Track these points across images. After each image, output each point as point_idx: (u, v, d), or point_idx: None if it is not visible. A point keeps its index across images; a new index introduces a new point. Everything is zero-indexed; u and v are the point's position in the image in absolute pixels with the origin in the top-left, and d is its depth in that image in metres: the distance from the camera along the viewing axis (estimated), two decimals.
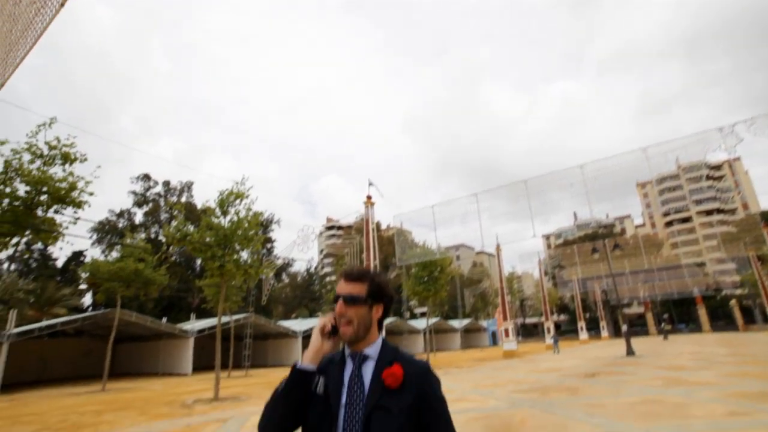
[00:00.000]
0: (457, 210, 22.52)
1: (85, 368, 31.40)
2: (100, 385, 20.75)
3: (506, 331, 32.19)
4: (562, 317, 71.61)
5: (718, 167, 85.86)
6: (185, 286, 47.15)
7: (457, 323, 54.68)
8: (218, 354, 14.97)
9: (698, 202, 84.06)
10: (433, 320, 45.16)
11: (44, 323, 26.84)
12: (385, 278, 1.60)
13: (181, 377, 26.45)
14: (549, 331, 39.10)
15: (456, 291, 60.74)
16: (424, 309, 51.48)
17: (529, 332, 73.02)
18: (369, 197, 21.48)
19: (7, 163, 10.40)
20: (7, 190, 10.44)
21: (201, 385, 19.98)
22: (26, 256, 50.12)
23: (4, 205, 10.47)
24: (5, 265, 47.76)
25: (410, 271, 28.06)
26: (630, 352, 23.19)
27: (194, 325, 31.95)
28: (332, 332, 1.54)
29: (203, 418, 10.70)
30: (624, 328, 25.13)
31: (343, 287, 1.55)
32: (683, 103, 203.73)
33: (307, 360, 1.49)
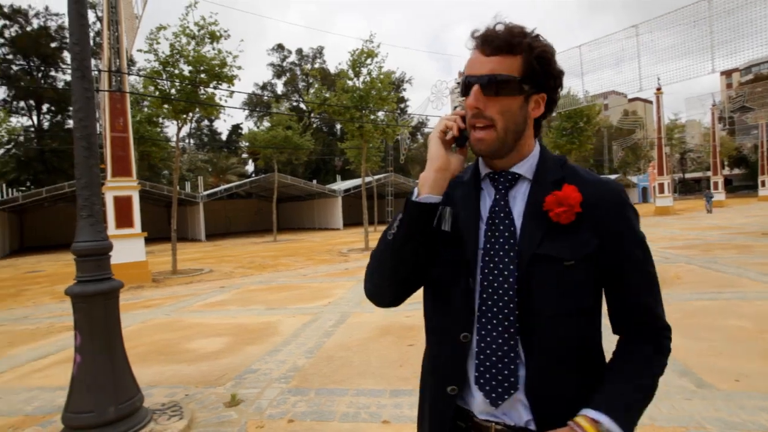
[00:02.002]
0: (610, 50, 19.23)
1: (257, 224, 37.73)
2: (271, 237, 24.90)
3: (660, 186, 29.17)
4: (736, 171, 61.50)
5: None
6: (328, 149, 51.05)
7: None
8: (365, 210, 16.58)
9: None
10: None
11: (223, 187, 32.24)
12: (550, 46, 0.92)
13: (334, 231, 30.26)
14: (717, 187, 34.28)
15: (603, 144, 55.37)
16: None
17: (689, 188, 65.10)
18: None
19: (172, 46, 11.53)
20: (176, 71, 11.78)
21: (352, 237, 22.64)
22: (198, 132, 58.55)
23: (177, 85, 11.93)
24: (186, 141, 56.80)
25: (551, 123, 25.97)
26: None
27: (340, 185, 35.23)
28: (459, 141, 0.95)
29: (357, 264, 12.33)
30: None
31: (481, 63, 0.89)
32: None
33: (426, 187, 0.92)
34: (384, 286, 1.00)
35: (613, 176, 52.20)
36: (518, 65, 0.88)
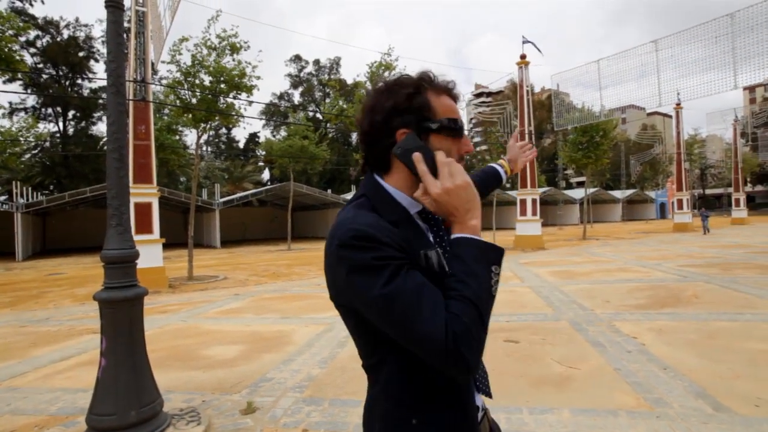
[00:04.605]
0: (630, 64, 19.16)
1: (271, 232, 38.08)
2: (285, 245, 25.11)
3: (680, 201, 28.71)
4: (759, 188, 60.23)
5: None
6: (344, 159, 51.48)
7: (619, 194, 50.49)
8: None
9: None
10: (592, 190, 42.40)
11: (239, 195, 32.67)
12: None
13: None
14: (738, 204, 33.63)
15: (620, 158, 54.80)
16: (582, 178, 48.11)
17: (709, 205, 64.01)
18: (523, 57, 19.43)
19: (194, 57, 11.85)
20: (197, 81, 12.08)
21: None
22: (216, 140, 59.56)
23: (197, 95, 12.23)
24: (204, 148, 57.76)
25: (567, 137, 25.83)
26: None
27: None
28: None
29: None
30: None
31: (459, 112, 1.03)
32: None
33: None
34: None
35: (628, 191, 51.59)
36: None
